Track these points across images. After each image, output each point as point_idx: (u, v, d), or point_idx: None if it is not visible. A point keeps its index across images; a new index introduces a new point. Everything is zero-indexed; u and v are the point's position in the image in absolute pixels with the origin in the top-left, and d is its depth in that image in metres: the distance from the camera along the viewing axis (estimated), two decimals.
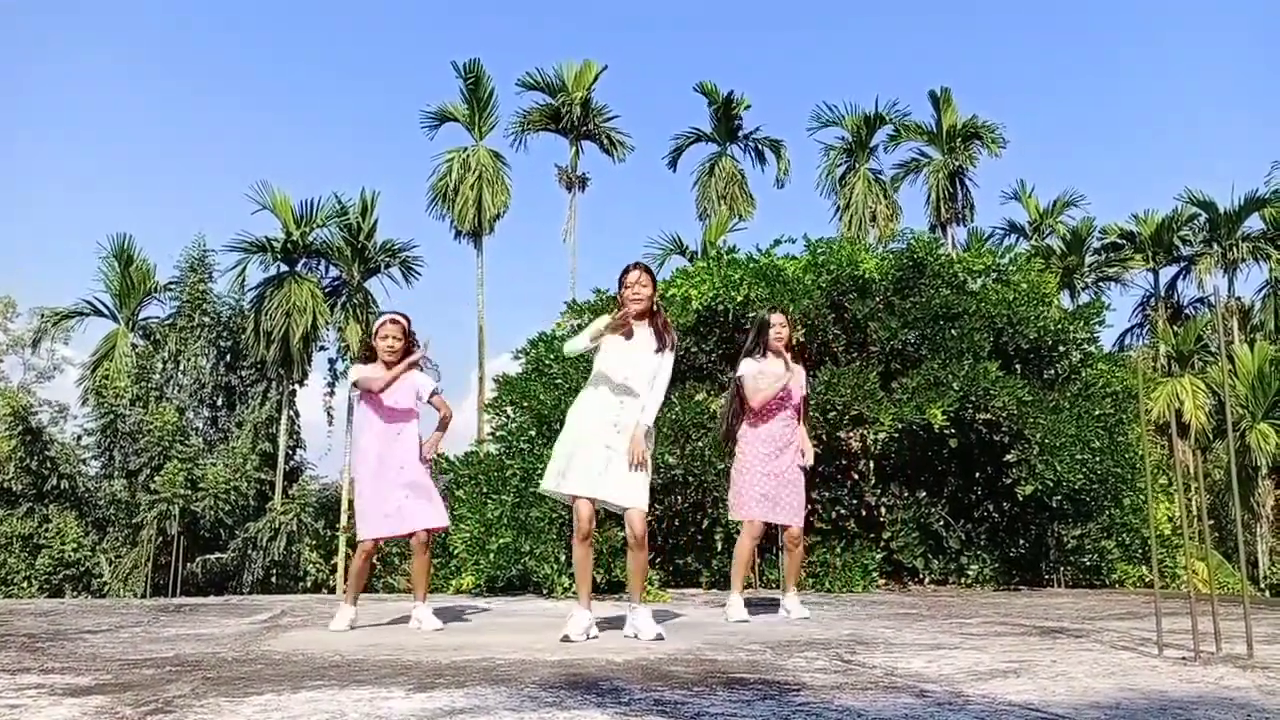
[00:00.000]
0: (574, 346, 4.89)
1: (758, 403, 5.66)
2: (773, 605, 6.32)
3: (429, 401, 5.38)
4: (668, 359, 4.77)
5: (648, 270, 4.84)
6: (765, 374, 5.74)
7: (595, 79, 31.92)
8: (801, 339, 5.56)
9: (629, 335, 4.72)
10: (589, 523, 4.54)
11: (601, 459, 4.51)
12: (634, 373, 4.66)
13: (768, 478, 5.64)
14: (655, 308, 4.86)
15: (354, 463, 5.39)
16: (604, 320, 4.77)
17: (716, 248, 24.75)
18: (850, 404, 8.51)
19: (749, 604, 5.67)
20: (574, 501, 4.57)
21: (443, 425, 5.43)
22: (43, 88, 63.10)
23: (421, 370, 5.40)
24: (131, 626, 5.25)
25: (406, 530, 5.18)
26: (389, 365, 5.22)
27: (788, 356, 5.88)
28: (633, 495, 4.52)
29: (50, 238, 67.90)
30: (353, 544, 5.24)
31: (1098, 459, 8.69)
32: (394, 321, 5.33)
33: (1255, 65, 68.61)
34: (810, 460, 5.89)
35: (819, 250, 10.14)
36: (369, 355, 5.35)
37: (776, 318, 5.88)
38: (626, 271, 4.85)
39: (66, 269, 74.22)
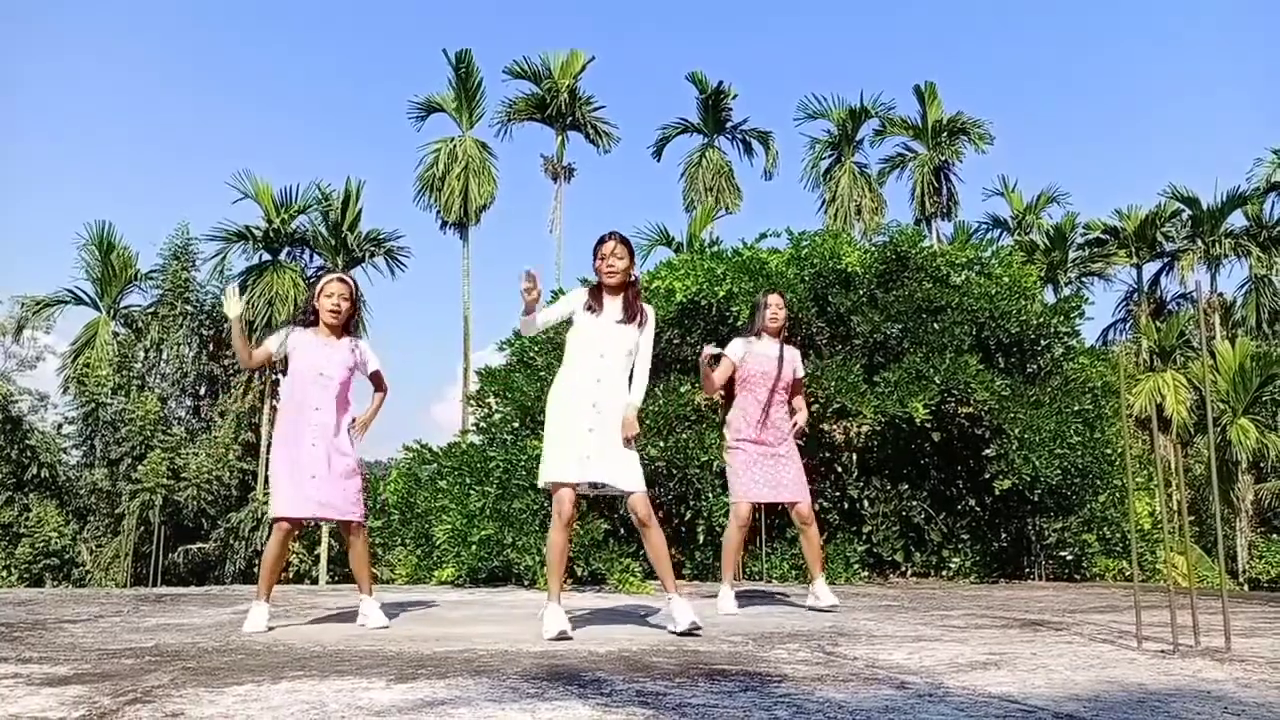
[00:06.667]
0: (525, 329, 4.56)
1: (707, 392, 5.62)
2: (758, 597, 6.34)
3: (369, 376, 4.94)
4: (647, 334, 4.52)
5: (624, 241, 4.55)
6: (752, 355, 5.65)
7: (583, 69, 31.87)
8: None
9: (599, 311, 4.46)
10: (572, 508, 4.26)
11: (588, 442, 4.24)
12: (609, 348, 4.41)
13: (761, 459, 5.49)
14: (631, 280, 4.57)
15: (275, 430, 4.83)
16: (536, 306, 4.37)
17: (700, 240, 24.87)
18: (834, 397, 8.52)
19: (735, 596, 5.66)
20: (556, 490, 4.26)
21: (378, 404, 4.98)
22: (23, 78, 62.47)
23: (357, 349, 4.91)
24: (111, 616, 5.23)
25: (311, 514, 4.70)
26: (331, 329, 4.81)
27: (781, 339, 5.74)
28: (629, 478, 4.29)
29: (31, 225, 67.32)
30: (334, 534, 5.05)
31: (1076, 454, 8.73)
32: (341, 281, 4.90)
33: (1240, 59, 69.05)
34: (803, 419, 5.71)
35: (802, 243, 10.14)
36: (308, 318, 4.87)
37: (773, 298, 5.77)
38: (602, 241, 4.54)
39: (47, 257, 73.66)
